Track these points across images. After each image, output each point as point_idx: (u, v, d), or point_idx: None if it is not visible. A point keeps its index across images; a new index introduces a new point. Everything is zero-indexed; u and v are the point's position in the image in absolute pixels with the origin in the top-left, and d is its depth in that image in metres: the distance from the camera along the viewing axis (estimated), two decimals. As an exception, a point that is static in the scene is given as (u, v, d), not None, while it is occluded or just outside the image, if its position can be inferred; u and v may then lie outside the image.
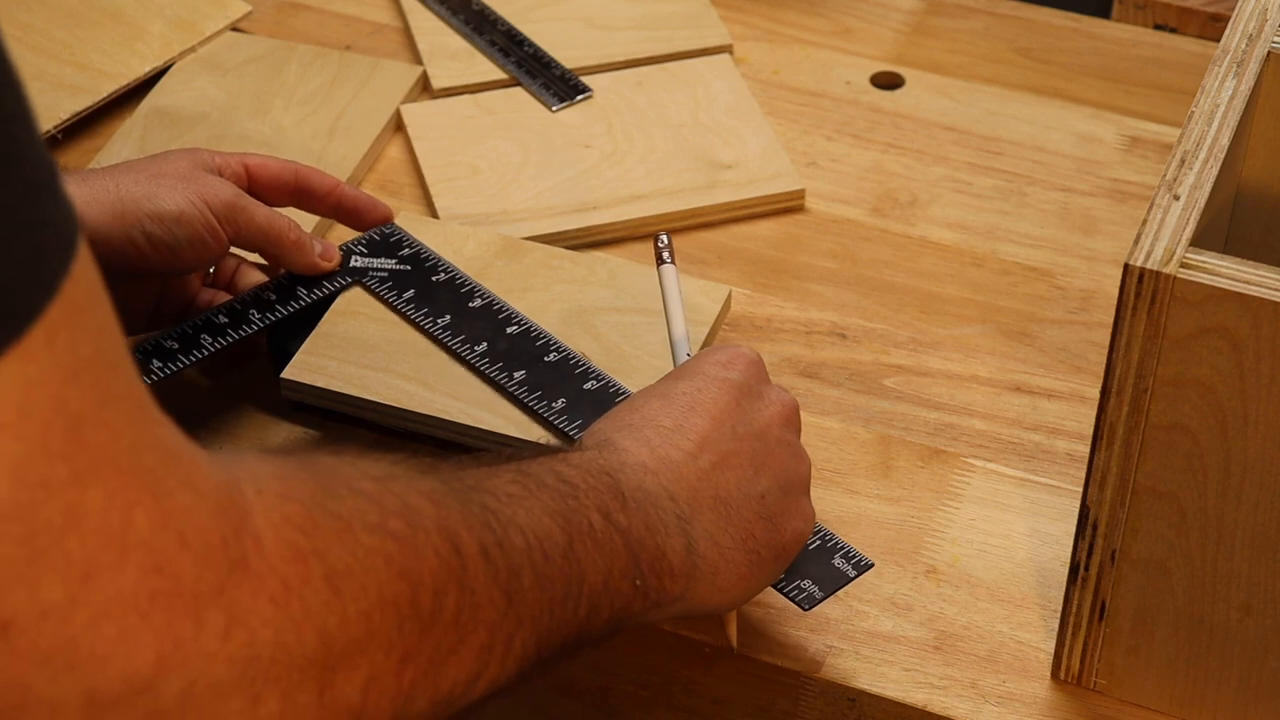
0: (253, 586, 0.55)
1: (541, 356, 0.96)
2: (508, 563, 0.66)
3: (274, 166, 0.99)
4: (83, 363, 0.51)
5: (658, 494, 0.77)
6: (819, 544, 0.86)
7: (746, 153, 1.15)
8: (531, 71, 1.20)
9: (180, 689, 0.53)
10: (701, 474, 0.79)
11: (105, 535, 0.51)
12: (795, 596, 0.85)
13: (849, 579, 0.86)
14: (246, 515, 0.56)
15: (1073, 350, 1.04)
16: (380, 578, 0.59)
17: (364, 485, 0.62)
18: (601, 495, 0.73)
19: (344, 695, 0.58)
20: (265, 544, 0.56)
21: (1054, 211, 1.13)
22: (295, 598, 0.56)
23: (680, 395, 0.82)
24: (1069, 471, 0.97)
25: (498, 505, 0.67)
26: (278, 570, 0.56)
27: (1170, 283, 0.72)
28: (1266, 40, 0.83)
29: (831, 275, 1.09)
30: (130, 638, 0.51)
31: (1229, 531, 0.78)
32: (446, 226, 1.06)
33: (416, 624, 0.61)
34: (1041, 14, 1.28)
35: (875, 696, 0.87)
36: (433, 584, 0.62)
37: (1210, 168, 0.77)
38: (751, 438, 0.82)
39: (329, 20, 1.28)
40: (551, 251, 1.04)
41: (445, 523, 0.64)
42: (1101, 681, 0.86)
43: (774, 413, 0.83)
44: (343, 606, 0.58)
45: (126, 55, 1.20)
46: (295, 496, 0.58)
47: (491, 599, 0.65)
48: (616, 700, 0.95)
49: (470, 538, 0.64)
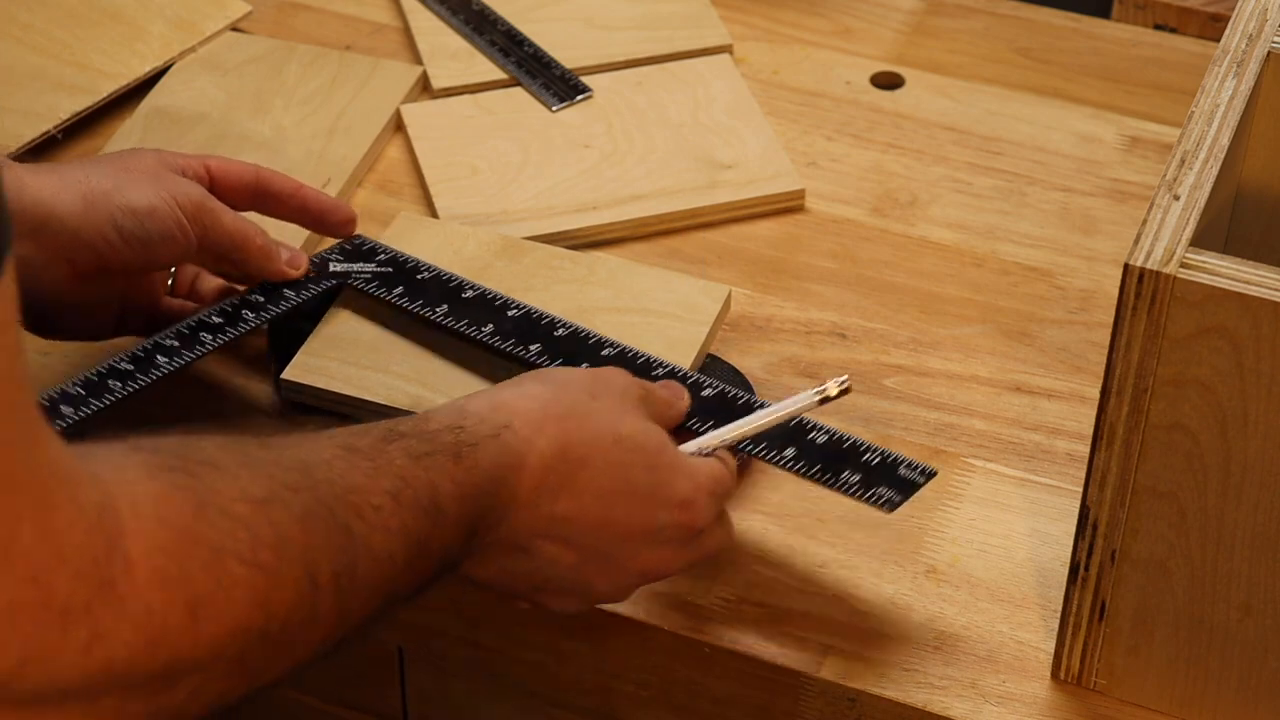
0: (117, 609, 0.58)
1: (551, 332, 0.95)
2: (352, 586, 0.70)
3: (235, 168, 0.98)
4: None
5: (501, 514, 0.78)
6: (880, 460, 0.88)
7: (746, 153, 1.15)
8: (531, 71, 1.20)
9: (32, 689, 0.57)
10: (551, 520, 0.80)
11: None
12: (876, 502, 0.86)
13: (919, 485, 0.87)
14: (120, 536, 0.59)
15: (1073, 350, 1.04)
16: (239, 608, 0.63)
17: (241, 509, 0.64)
18: (456, 528, 0.76)
19: (173, 697, 0.63)
20: (135, 568, 0.59)
21: (1054, 211, 1.13)
22: (157, 623, 0.60)
23: (620, 473, 0.81)
24: (1069, 471, 0.97)
25: (360, 525, 0.70)
26: (143, 596, 0.59)
27: (1170, 283, 0.72)
28: (1266, 40, 0.83)
29: (831, 275, 1.09)
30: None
31: (1229, 531, 0.78)
32: (446, 226, 1.06)
33: (262, 648, 0.65)
34: (1041, 14, 1.28)
35: (875, 696, 0.87)
36: (285, 615, 0.66)
37: (1210, 168, 0.77)
38: (627, 544, 0.82)
39: (329, 20, 1.28)
40: (551, 251, 1.04)
41: (309, 554, 0.67)
42: (1101, 681, 0.86)
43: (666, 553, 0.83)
44: (197, 632, 0.62)
45: (126, 55, 1.20)
46: (171, 521, 0.61)
47: (329, 619, 0.69)
48: (616, 700, 0.95)
49: (327, 567, 0.68)
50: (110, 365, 0.92)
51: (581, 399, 0.81)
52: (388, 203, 1.13)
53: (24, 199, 0.88)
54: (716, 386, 0.92)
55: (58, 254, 0.90)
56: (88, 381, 0.91)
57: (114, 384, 0.91)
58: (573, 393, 0.81)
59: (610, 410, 0.82)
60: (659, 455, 0.82)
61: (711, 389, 0.91)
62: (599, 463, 0.80)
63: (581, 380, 0.83)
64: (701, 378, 0.92)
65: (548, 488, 0.79)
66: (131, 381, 0.92)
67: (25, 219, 0.88)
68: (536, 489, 0.79)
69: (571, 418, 0.80)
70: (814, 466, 0.88)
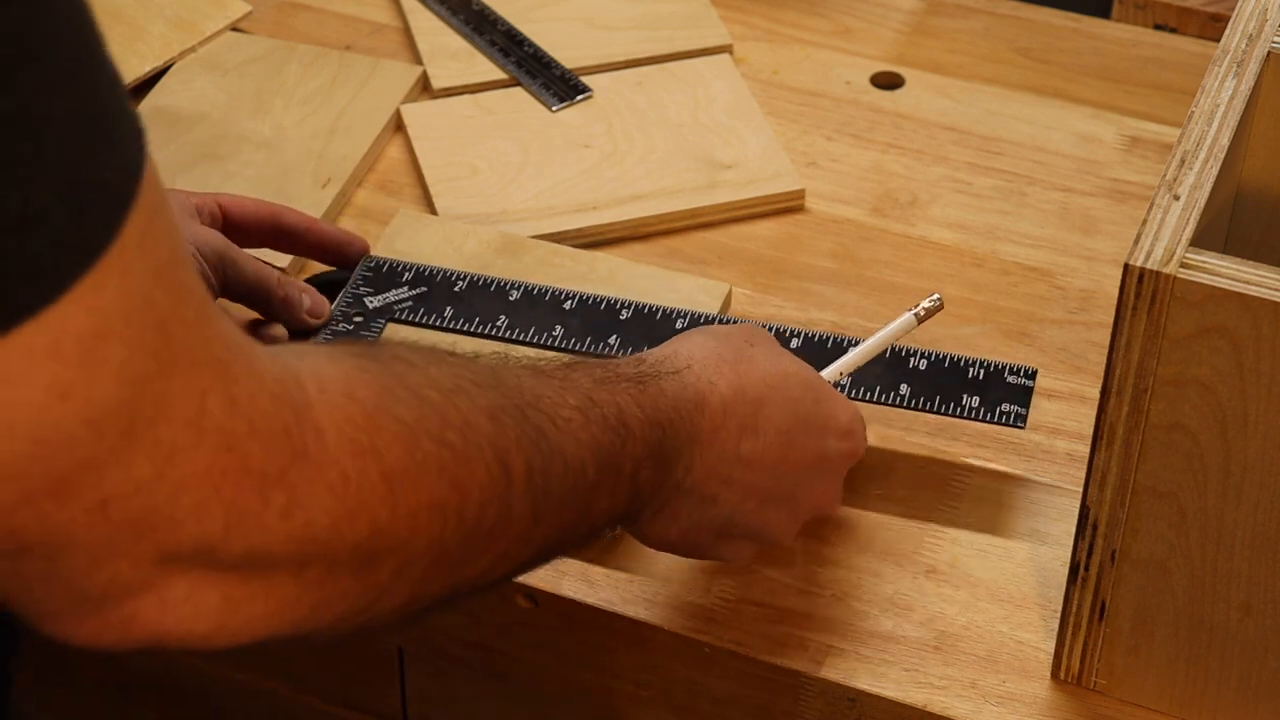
0: (313, 475, 0.59)
1: (618, 317, 0.95)
2: (545, 487, 0.70)
3: (249, 205, 0.98)
4: (163, 263, 0.55)
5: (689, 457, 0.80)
6: (984, 372, 0.92)
7: (746, 153, 1.15)
8: (531, 71, 1.20)
9: (240, 554, 0.58)
10: (736, 462, 0.82)
11: (185, 420, 0.56)
12: (1007, 421, 0.91)
13: (1031, 388, 0.92)
14: (308, 408, 0.60)
15: (1073, 350, 1.04)
16: (432, 482, 0.64)
17: (429, 394, 0.65)
18: (645, 449, 0.77)
19: (378, 576, 0.63)
20: (327, 437, 0.60)
21: (1054, 211, 1.13)
22: (353, 490, 0.61)
23: (792, 409, 0.84)
24: (1069, 471, 0.97)
25: (551, 429, 0.71)
26: (338, 463, 0.60)
27: (1170, 283, 0.72)
28: (1266, 40, 0.83)
29: (831, 275, 1.09)
30: (202, 508, 0.57)
31: (1229, 531, 0.78)
32: (446, 224, 1.06)
33: (459, 529, 0.66)
34: (1041, 14, 1.28)
35: (875, 696, 0.87)
36: (479, 498, 0.66)
37: (1210, 168, 0.77)
38: (803, 478, 0.85)
39: (329, 20, 1.28)
40: (551, 249, 1.04)
41: (500, 442, 0.68)
42: (1101, 681, 0.86)
43: (830, 485, 0.87)
44: (395, 503, 0.62)
45: (126, 55, 1.20)
46: (359, 398, 0.62)
47: (523, 516, 0.69)
48: (616, 700, 0.95)
49: (520, 459, 0.69)
50: None
51: (743, 348, 0.84)
52: (388, 203, 1.13)
53: None
54: (800, 335, 0.96)
55: None
56: None
57: None
58: (735, 343, 0.85)
59: (769, 353, 0.85)
60: (820, 388, 0.86)
61: (798, 340, 0.96)
62: (776, 399, 0.83)
63: (738, 331, 0.86)
64: (783, 328, 0.97)
65: (730, 428, 0.81)
66: None
67: None
68: (719, 428, 0.81)
69: (742, 362, 0.83)
70: (934, 398, 0.92)
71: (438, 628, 0.97)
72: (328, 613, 0.63)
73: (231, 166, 1.12)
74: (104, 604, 0.57)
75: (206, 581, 0.58)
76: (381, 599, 0.65)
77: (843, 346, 0.93)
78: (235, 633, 0.60)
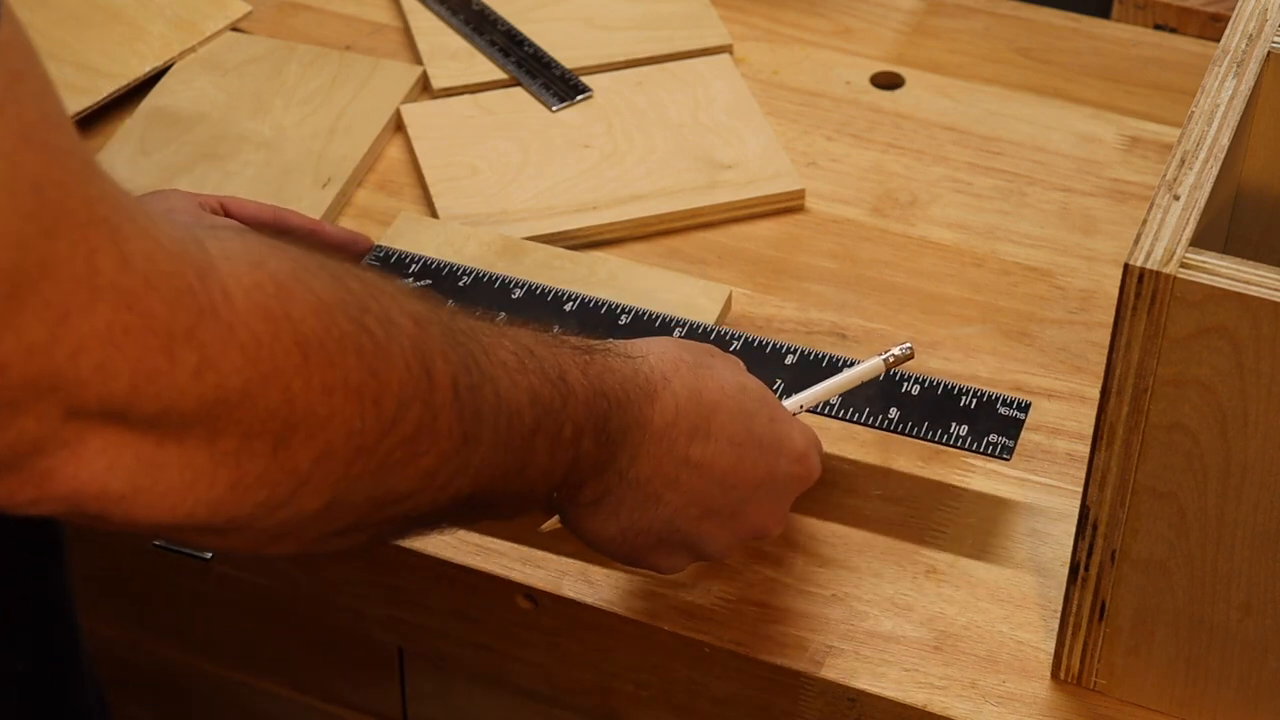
0: (223, 335, 0.58)
1: (616, 321, 0.95)
2: (475, 407, 0.68)
3: (251, 208, 0.97)
4: (30, 126, 0.54)
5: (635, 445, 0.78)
6: (977, 401, 0.92)
7: (746, 153, 1.15)
8: (531, 71, 1.20)
9: (152, 414, 0.57)
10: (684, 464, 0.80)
11: (75, 280, 0.55)
12: (993, 452, 0.90)
13: (1022, 422, 0.91)
14: (211, 269, 0.58)
15: (1073, 350, 1.04)
16: (350, 363, 0.62)
17: (350, 281, 0.64)
18: (587, 415, 0.75)
19: (295, 459, 0.61)
20: (235, 299, 0.58)
21: (1054, 211, 1.13)
22: (265, 353, 0.59)
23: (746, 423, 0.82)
24: (1069, 471, 0.97)
25: (485, 361, 0.69)
26: (249, 324, 0.59)
27: (1170, 283, 0.72)
28: (1266, 40, 0.83)
29: (831, 275, 1.09)
30: (106, 368, 0.56)
31: (1229, 531, 0.78)
32: (447, 227, 1.06)
33: (377, 422, 0.63)
34: (1041, 14, 1.28)
35: (875, 696, 0.87)
36: (399, 392, 0.64)
37: (1210, 168, 0.77)
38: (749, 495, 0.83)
39: (329, 20, 1.28)
40: (552, 251, 1.04)
41: (423, 345, 0.65)
42: (1101, 681, 0.86)
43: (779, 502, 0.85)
44: (309, 374, 0.61)
45: (126, 55, 1.20)
46: (269, 268, 0.61)
47: (450, 431, 0.67)
48: (616, 700, 0.95)
49: (445, 369, 0.66)
50: None
51: (705, 357, 0.84)
52: (388, 203, 1.13)
53: None
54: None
55: None
56: None
57: None
58: (698, 352, 0.84)
59: (731, 368, 0.84)
60: (778, 409, 0.85)
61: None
62: (731, 409, 0.82)
63: (704, 345, 0.85)
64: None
65: (681, 428, 0.80)
66: None
67: None
68: (670, 425, 0.79)
69: (702, 368, 0.82)
70: (922, 424, 0.91)
71: (438, 628, 0.97)
72: (247, 497, 0.61)
73: (231, 166, 1.12)
74: (16, 461, 0.56)
75: (121, 440, 0.57)
76: (302, 491, 0.63)
77: (837, 366, 0.93)
78: (153, 501, 0.59)
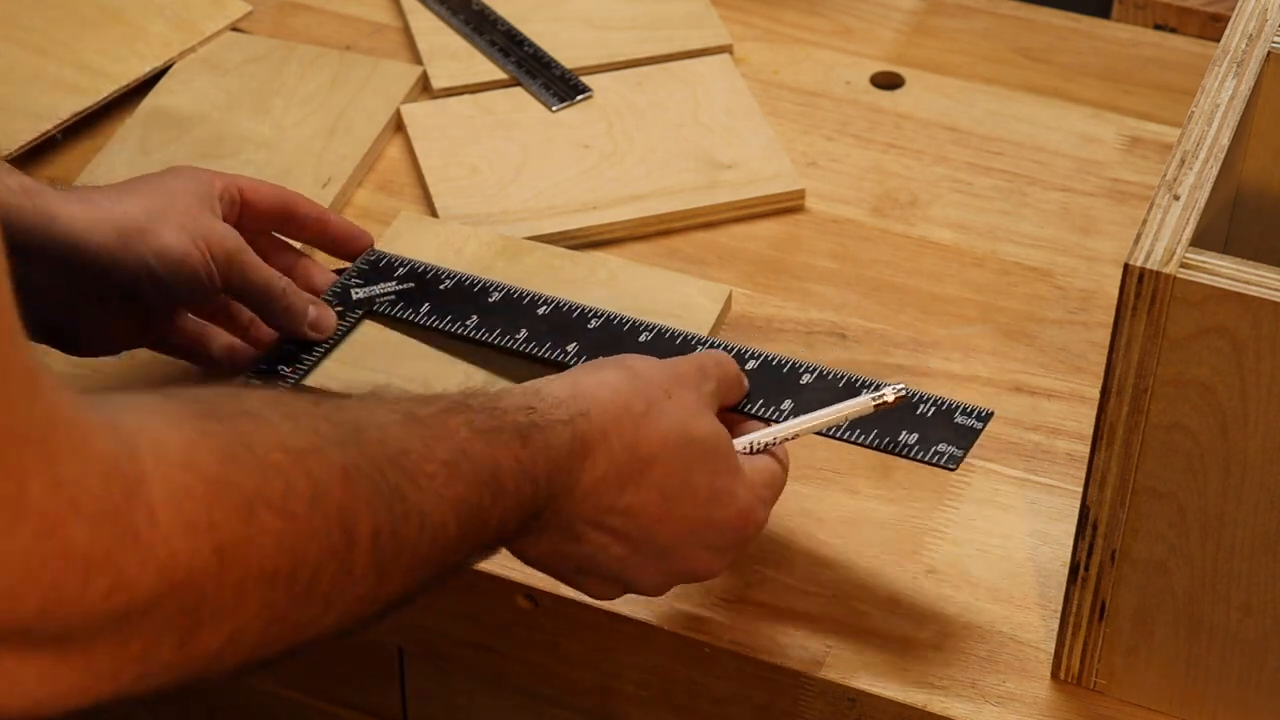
0: (140, 556, 0.58)
1: (585, 325, 0.95)
2: (394, 547, 0.68)
3: (266, 191, 0.97)
4: None
5: (560, 501, 0.78)
6: (935, 410, 0.88)
7: (746, 153, 1.15)
8: (531, 71, 1.20)
9: (56, 632, 0.57)
10: (610, 510, 0.80)
11: (2, 502, 0.54)
12: (938, 461, 0.86)
13: (978, 431, 0.87)
14: (140, 483, 0.58)
15: (1073, 350, 1.04)
16: (266, 553, 0.62)
17: (276, 458, 0.64)
18: (515, 503, 0.75)
19: (205, 645, 0.62)
20: (159, 516, 0.58)
21: (1054, 211, 1.13)
22: (181, 567, 0.59)
23: (683, 475, 0.81)
24: (1069, 471, 0.97)
25: (411, 489, 0.69)
26: (169, 542, 0.59)
27: (1170, 283, 0.72)
28: (1266, 40, 0.83)
29: (831, 275, 1.09)
30: (15, 592, 0.55)
31: (1229, 531, 0.78)
32: (447, 227, 1.06)
33: (290, 595, 0.64)
34: (1041, 14, 1.28)
35: (875, 696, 0.87)
36: (315, 563, 0.65)
37: (1210, 168, 0.77)
38: (677, 544, 0.82)
39: (329, 20, 1.28)
40: (552, 251, 1.04)
41: (348, 504, 0.66)
42: (1101, 681, 0.86)
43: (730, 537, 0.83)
44: (223, 575, 0.61)
45: (126, 55, 1.20)
46: (199, 467, 0.60)
47: (365, 578, 0.67)
48: (616, 700, 0.95)
49: (368, 520, 0.67)
50: None
51: (658, 396, 0.81)
52: (388, 203, 1.13)
53: (54, 230, 0.87)
54: (759, 356, 0.92)
55: (87, 287, 0.90)
56: None
57: None
58: (651, 390, 0.81)
59: (684, 409, 0.82)
60: (725, 460, 0.82)
61: (755, 361, 0.91)
62: (668, 461, 0.80)
63: (660, 376, 0.82)
64: (744, 350, 0.92)
65: (612, 480, 0.79)
66: None
67: (55, 252, 0.87)
68: (600, 480, 0.79)
69: (647, 415, 0.80)
70: (870, 433, 0.87)
71: (438, 628, 0.97)
72: (154, 681, 0.61)
73: (231, 166, 1.12)
74: None
75: (21, 659, 0.57)
76: (213, 665, 0.63)
77: (855, 387, 0.90)
78: (54, 706, 0.59)
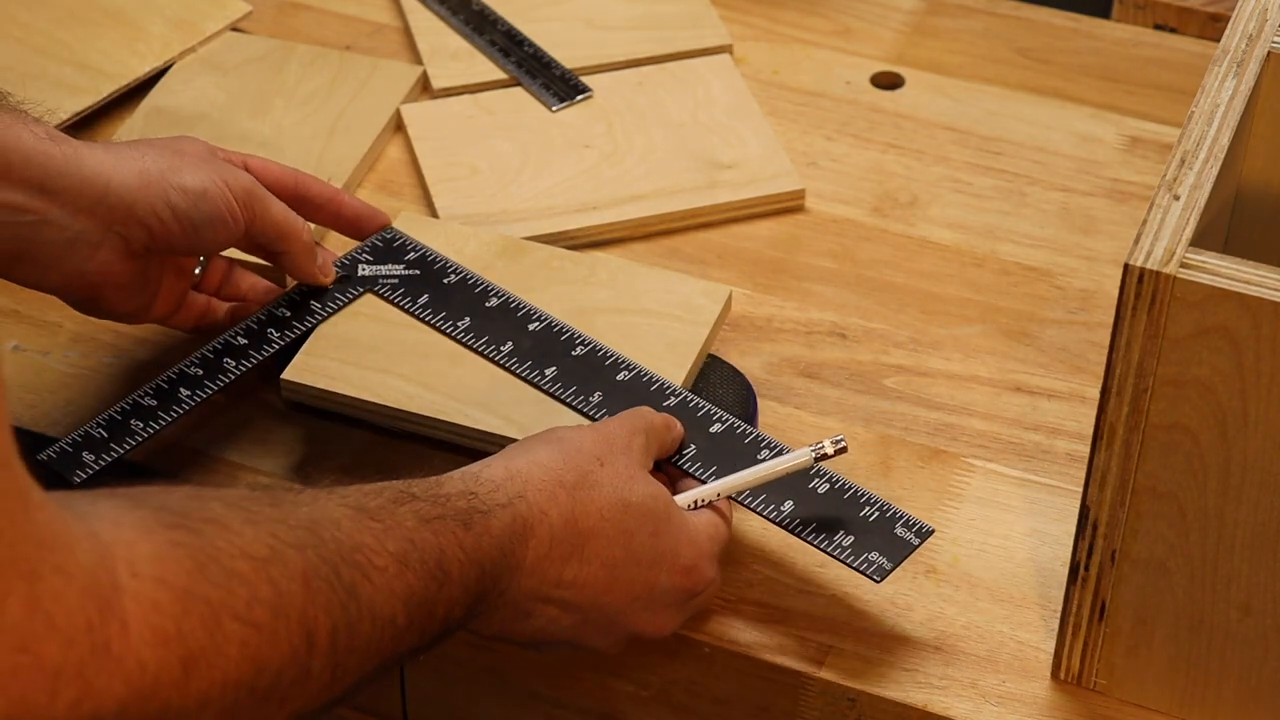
0: (109, 669, 0.60)
1: (569, 351, 0.95)
2: (349, 645, 0.70)
3: (274, 170, 0.98)
4: None
5: (505, 583, 0.79)
6: (878, 515, 0.87)
7: (746, 153, 1.15)
8: (531, 71, 1.20)
9: None
10: (556, 585, 0.81)
11: None
12: (865, 570, 0.85)
13: (914, 546, 0.86)
14: (116, 597, 0.60)
15: (1073, 350, 1.04)
16: (231, 662, 0.64)
17: (242, 566, 0.66)
18: (461, 590, 0.76)
19: None
20: (130, 628, 0.60)
21: (1054, 211, 1.13)
22: (149, 678, 0.61)
23: (625, 542, 0.82)
24: (1069, 471, 0.97)
25: (364, 585, 0.71)
26: (138, 654, 0.60)
27: (1170, 283, 0.72)
28: (1266, 40, 0.83)
29: (831, 275, 1.09)
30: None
31: (1229, 531, 0.78)
32: (447, 227, 1.06)
33: (250, 701, 0.66)
34: (1041, 14, 1.28)
35: (875, 696, 0.87)
36: (276, 669, 0.67)
37: (1210, 168, 0.77)
38: (625, 608, 0.83)
39: (329, 20, 1.28)
40: (552, 252, 1.04)
41: (309, 610, 0.68)
42: (1101, 681, 0.86)
43: (668, 617, 0.85)
44: (188, 685, 0.63)
45: (126, 55, 1.20)
46: (169, 580, 0.62)
47: (322, 676, 0.70)
48: (616, 700, 0.95)
49: (325, 623, 0.69)
50: (134, 401, 0.93)
51: (591, 467, 0.83)
52: (388, 203, 1.13)
53: (83, 171, 0.89)
54: (725, 421, 0.91)
55: (112, 228, 0.90)
56: (111, 421, 0.92)
57: (136, 424, 0.92)
58: (583, 461, 0.83)
59: (618, 476, 0.83)
60: (665, 521, 0.84)
61: (720, 424, 0.91)
62: (608, 532, 0.82)
63: (590, 446, 0.84)
64: (711, 410, 0.92)
65: (555, 556, 0.80)
66: (154, 421, 0.92)
67: (84, 191, 0.89)
68: (543, 559, 0.80)
69: (581, 488, 0.82)
70: (809, 526, 0.87)
71: (438, 628, 0.97)
72: None
73: (231, 166, 1.12)
74: None
75: None
76: None
77: (758, 442, 0.90)
78: None
